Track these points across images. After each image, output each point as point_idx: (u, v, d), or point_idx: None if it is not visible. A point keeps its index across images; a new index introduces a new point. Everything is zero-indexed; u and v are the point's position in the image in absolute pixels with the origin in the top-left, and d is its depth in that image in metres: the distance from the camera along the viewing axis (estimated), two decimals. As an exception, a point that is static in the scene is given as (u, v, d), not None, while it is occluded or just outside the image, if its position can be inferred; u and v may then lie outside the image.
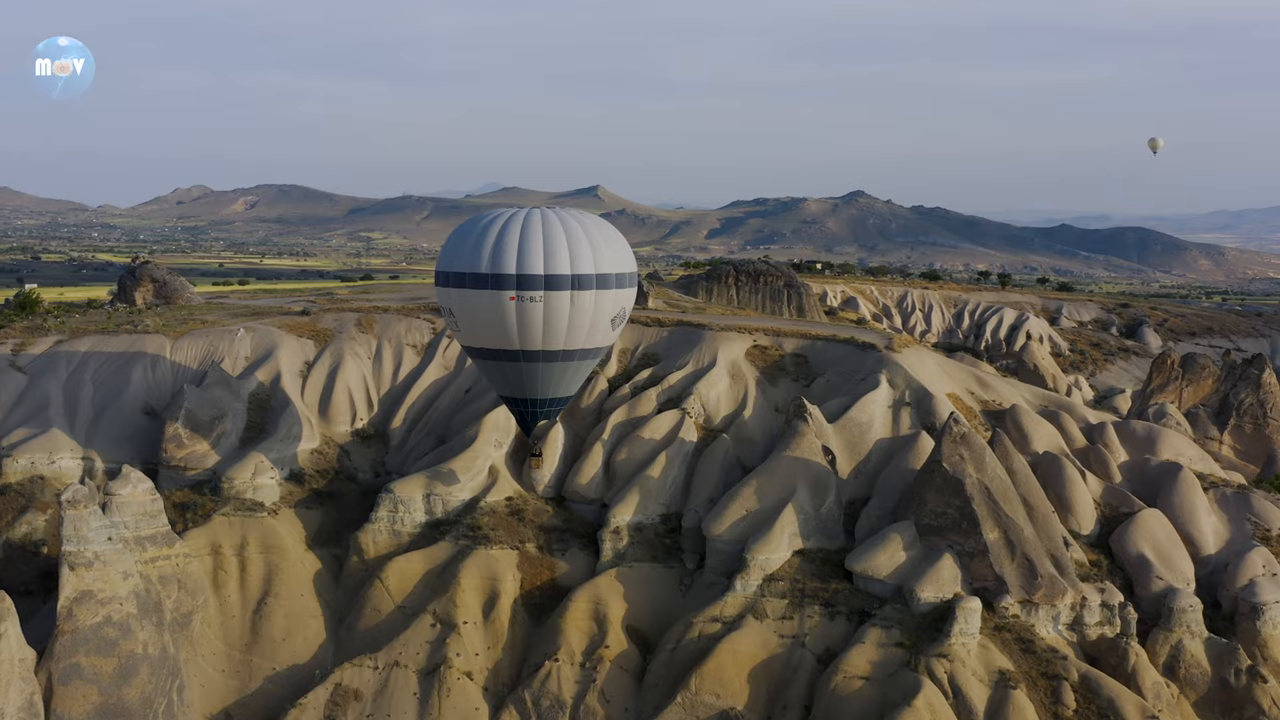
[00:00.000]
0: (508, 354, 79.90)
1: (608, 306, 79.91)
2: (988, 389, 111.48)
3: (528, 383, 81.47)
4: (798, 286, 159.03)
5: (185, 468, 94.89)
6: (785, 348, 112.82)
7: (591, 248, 78.46)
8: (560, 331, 78.36)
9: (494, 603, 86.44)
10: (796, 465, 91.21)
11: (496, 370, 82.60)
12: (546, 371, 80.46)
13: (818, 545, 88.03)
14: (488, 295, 77.50)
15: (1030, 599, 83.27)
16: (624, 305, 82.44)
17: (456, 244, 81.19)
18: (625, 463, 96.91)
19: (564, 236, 77.87)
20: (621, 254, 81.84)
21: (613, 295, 79.99)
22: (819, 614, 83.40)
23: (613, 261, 79.86)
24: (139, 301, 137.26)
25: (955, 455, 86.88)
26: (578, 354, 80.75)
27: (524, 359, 79.72)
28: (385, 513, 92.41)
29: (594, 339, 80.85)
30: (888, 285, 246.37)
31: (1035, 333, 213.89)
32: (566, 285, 77.30)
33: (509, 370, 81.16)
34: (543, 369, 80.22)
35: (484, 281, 77.33)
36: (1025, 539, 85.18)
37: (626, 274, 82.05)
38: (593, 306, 78.64)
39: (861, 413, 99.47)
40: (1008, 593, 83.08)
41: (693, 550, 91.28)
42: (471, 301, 78.80)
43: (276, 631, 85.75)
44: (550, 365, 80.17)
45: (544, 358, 79.64)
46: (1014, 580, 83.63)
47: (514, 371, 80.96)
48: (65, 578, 76.62)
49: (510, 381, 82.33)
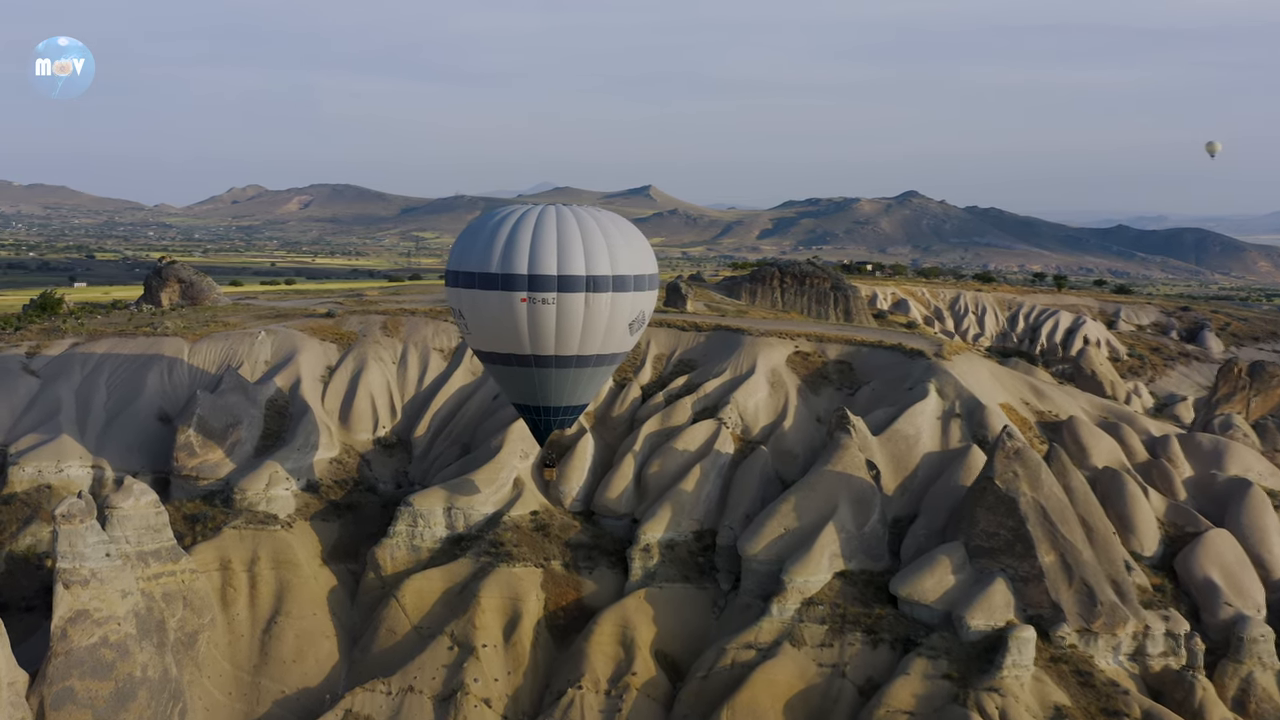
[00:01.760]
0: (519, 359, 75.16)
1: (625, 310, 74.90)
2: (1043, 399, 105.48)
3: (540, 390, 76.71)
4: (845, 289, 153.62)
5: (197, 477, 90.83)
6: (828, 354, 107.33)
7: (609, 247, 73.50)
8: (574, 336, 73.50)
9: (516, 624, 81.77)
10: (838, 480, 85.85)
11: (508, 376, 77.96)
12: (560, 378, 75.67)
13: (860, 567, 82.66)
14: (498, 296, 72.80)
15: (1089, 628, 77.48)
16: (643, 309, 77.39)
17: (467, 241, 76.51)
18: (658, 475, 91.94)
19: (579, 235, 72.99)
20: (641, 254, 76.81)
21: (630, 298, 74.97)
22: (861, 641, 77.96)
23: (631, 262, 74.86)
24: (165, 302, 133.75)
25: (1009, 472, 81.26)
26: (593, 360, 75.83)
27: (536, 364, 74.96)
28: (404, 527, 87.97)
29: (610, 344, 75.86)
30: (940, 287, 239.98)
31: (1093, 337, 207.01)
32: (581, 287, 72.41)
33: (520, 376, 76.47)
34: (556, 375, 75.42)
35: (494, 282, 72.63)
36: (1084, 562, 79.47)
37: (646, 276, 76.91)
38: (609, 310, 73.71)
39: (908, 424, 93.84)
40: (1065, 621, 77.34)
41: (727, 570, 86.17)
42: (481, 303, 74.12)
43: (287, 652, 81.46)
44: (564, 372, 75.35)
45: (557, 363, 74.84)
46: (1071, 607, 77.89)
47: (525, 378, 76.24)
48: (59, 596, 72.59)
49: (522, 388, 77.64)
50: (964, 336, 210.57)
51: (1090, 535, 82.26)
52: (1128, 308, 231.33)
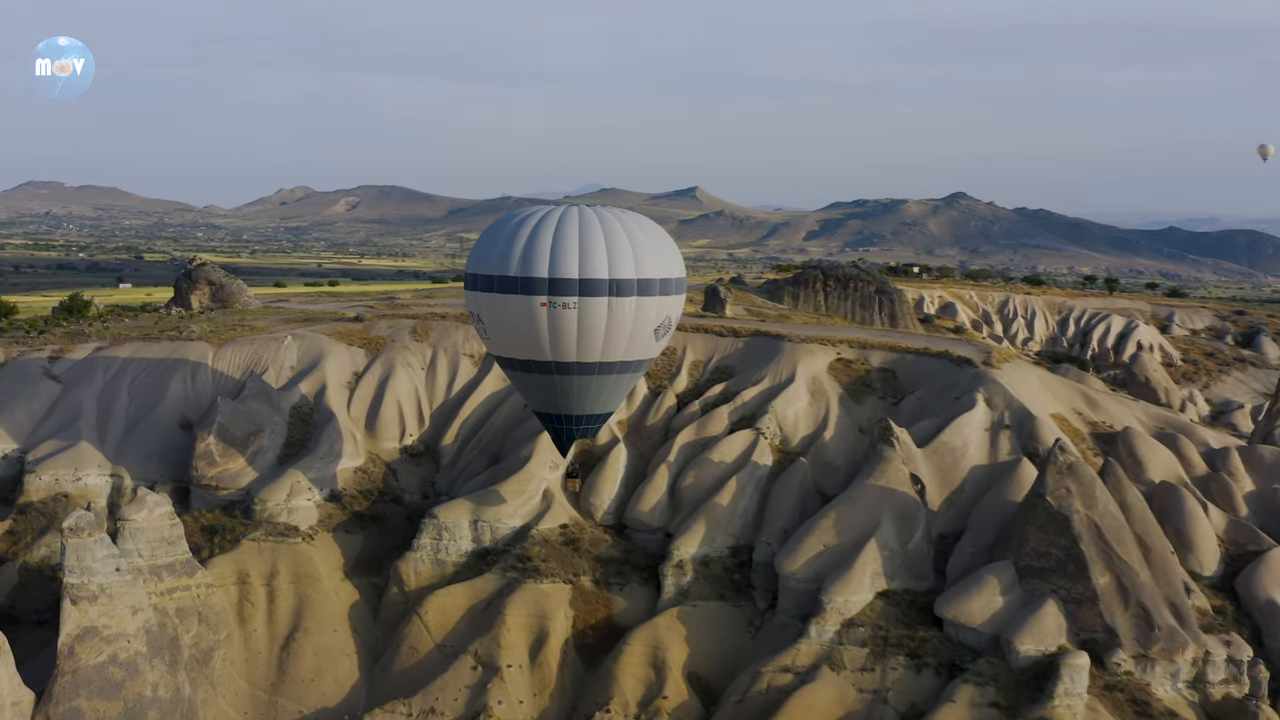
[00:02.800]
0: (539, 365, 71.91)
1: (650, 315, 71.40)
2: (1097, 409, 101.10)
3: (561, 397, 73.41)
4: (890, 292, 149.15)
5: (217, 487, 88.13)
6: (872, 361, 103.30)
7: (633, 250, 70.03)
8: (596, 341, 70.11)
9: (542, 643, 78.58)
10: (881, 495, 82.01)
11: (528, 383, 74.74)
12: (582, 385, 72.30)
13: (903, 586, 78.78)
14: (517, 300, 69.54)
15: (1146, 654, 73.71)
16: (670, 314, 73.80)
17: (487, 243, 73.28)
18: (692, 488, 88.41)
19: (602, 237, 69.59)
20: (667, 257, 73.27)
21: (656, 303, 71.46)
22: (903, 666, 74.20)
23: (657, 265, 71.35)
24: (195, 305, 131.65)
25: (1061, 488, 77.22)
26: (616, 367, 72.39)
27: (557, 371, 71.69)
28: (428, 540, 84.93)
29: (634, 350, 72.39)
30: (988, 290, 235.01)
31: (1145, 342, 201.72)
32: (604, 291, 69.05)
33: (541, 383, 73.22)
34: (578, 382, 72.08)
35: (513, 285, 69.39)
36: (1140, 584, 75.45)
37: (673, 279, 73.35)
38: (633, 315, 70.26)
39: (955, 436, 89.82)
40: (1120, 646, 73.47)
41: (764, 588, 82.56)
42: (500, 307, 70.90)
43: (305, 670, 78.59)
44: (586, 379, 72.00)
45: (579, 370, 71.53)
46: (1127, 632, 74.01)
47: (546, 385, 72.96)
48: (67, 613, 69.87)
49: (543, 395, 74.40)
50: (1013, 341, 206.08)
51: (1147, 555, 78.20)
52: (1181, 311, 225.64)
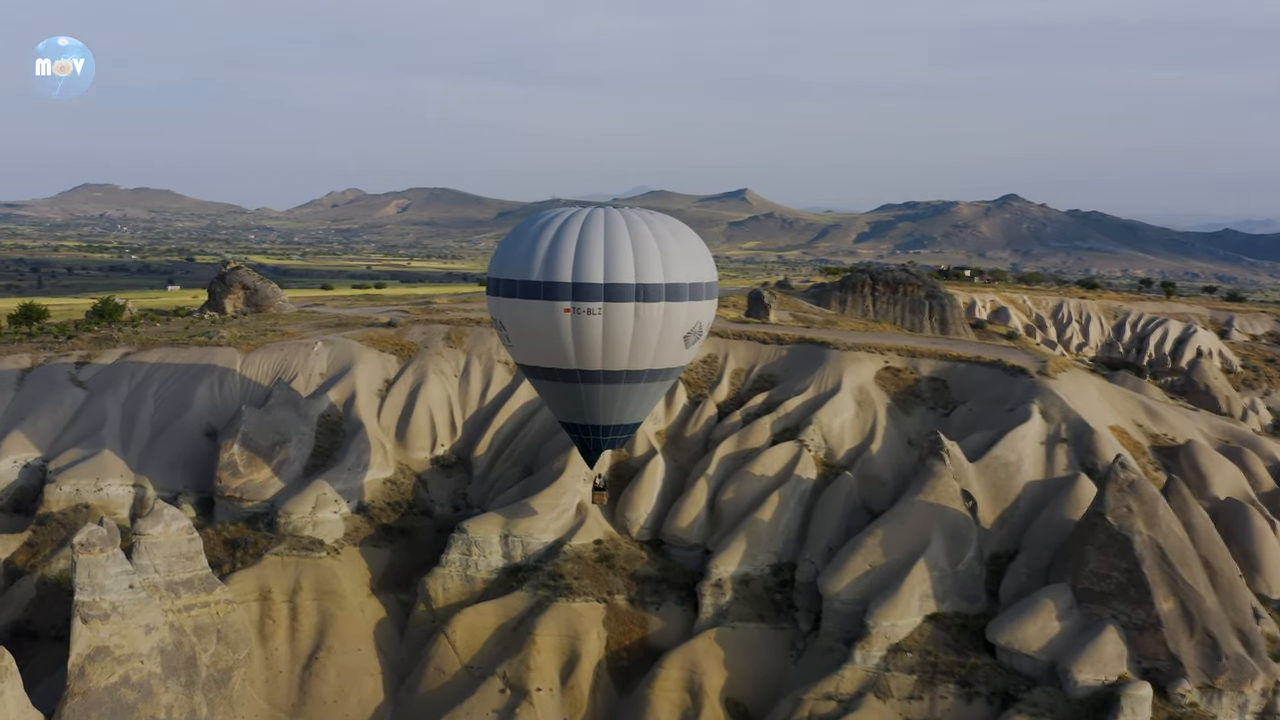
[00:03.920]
0: (564, 373, 68.51)
1: (679, 321, 67.76)
2: (1158, 420, 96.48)
3: (587, 407, 69.98)
4: (941, 297, 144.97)
5: (241, 499, 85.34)
6: (921, 370, 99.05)
7: (661, 253, 66.43)
8: (623, 349, 66.60)
9: (574, 666, 75.18)
10: (931, 512, 77.99)
11: (552, 392, 71.45)
12: (608, 395, 68.84)
13: (954, 609, 74.71)
14: (540, 306, 66.16)
15: (1212, 684, 69.32)
16: (700, 320, 70.10)
17: (509, 247, 69.94)
18: (732, 502, 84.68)
19: (628, 240, 66.03)
20: (698, 260, 69.64)
21: (685, 308, 67.79)
22: (954, 695, 70.21)
23: (687, 269, 67.73)
24: (229, 309, 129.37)
25: (1122, 507, 72.92)
26: (644, 375, 68.79)
27: (582, 380, 68.22)
28: (457, 555, 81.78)
29: (663, 358, 68.78)
30: (1042, 294, 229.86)
31: (1205, 347, 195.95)
32: (630, 296, 65.48)
33: (566, 392, 69.83)
34: (604, 391, 68.60)
35: (536, 290, 66.04)
36: (1206, 610, 71.01)
37: (703, 284, 69.66)
38: (661, 321, 66.68)
39: (1009, 450, 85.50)
40: (1185, 676, 69.19)
41: (806, 609, 78.74)
42: (522, 313, 67.55)
43: (328, 691, 75.55)
44: (612, 388, 68.50)
45: (605, 379, 68.03)
46: (1192, 661, 69.64)
47: (571, 394, 69.55)
48: (77, 631, 67.29)
49: (568, 405, 71.05)
50: (1067, 347, 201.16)
51: (1213, 578, 73.73)
52: (1240, 316, 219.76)
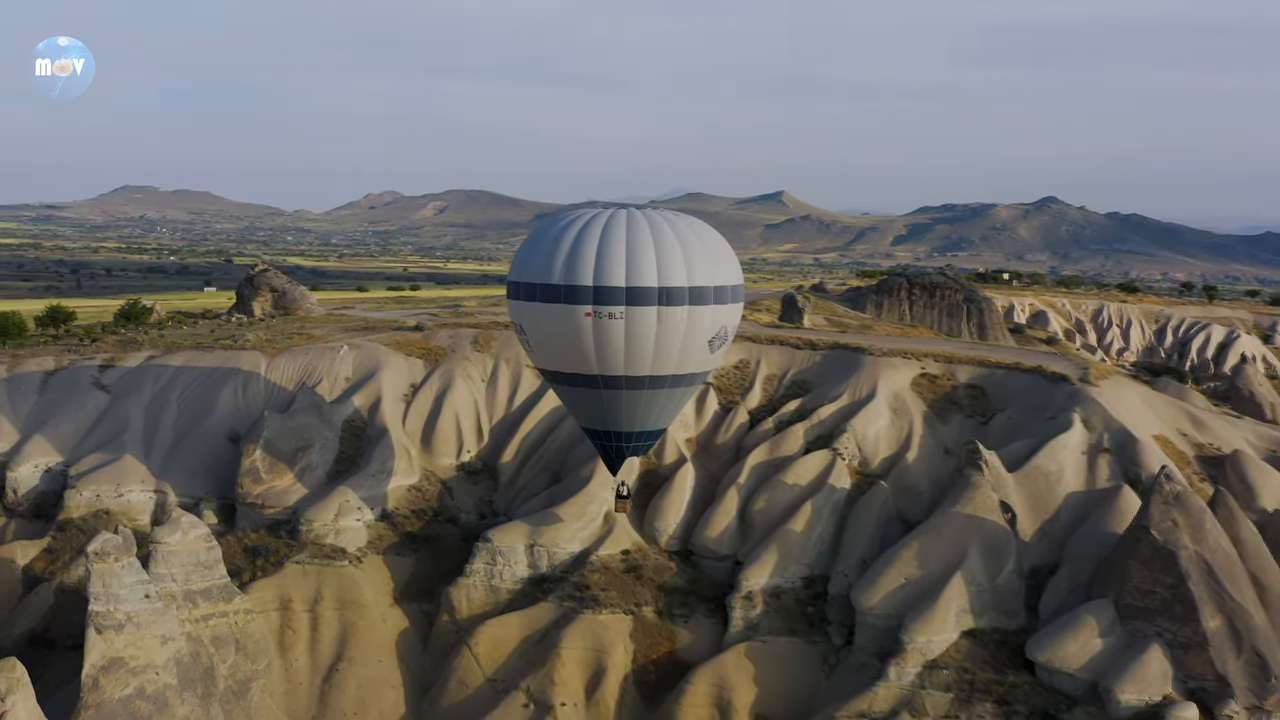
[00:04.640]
0: (585, 379, 66.51)
1: (704, 325, 65.67)
2: (1203, 429, 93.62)
3: (610, 414, 67.97)
4: (979, 301, 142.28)
5: (262, 505, 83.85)
6: (959, 377, 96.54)
7: (685, 255, 64.34)
8: (645, 354, 64.57)
9: (600, 679, 73.27)
10: (968, 524, 75.54)
11: (574, 398, 69.51)
12: (631, 401, 66.82)
13: (992, 625, 72.25)
14: (560, 310, 64.24)
15: (1261, 705, 66.64)
16: (725, 324, 68.00)
17: (529, 249, 68.05)
18: (764, 513, 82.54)
19: (651, 241, 63.99)
20: (723, 263, 67.53)
21: (710, 312, 65.68)
22: (991, 714, 67.69)
23: (711, 272, 65.61)
24: (257, 311, 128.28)
25: (1167, 520, 70.35)
26: (667, 381, 66.71)
27: (604, 385, 66.25)
28: (482, 565, 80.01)
29: (687, 363, 66.66)
30: (1081, 298, 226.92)
31: (1249, 353, 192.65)
32: (653, 299, 63.40)
33: (587, 398, 67.87)
34: (626, 398, 66.60)
35: (556, 294, 64.11)
36: (1255, 628, 68.34)
37: (729, 287, 67.43)
38: (685, 325, 64.61)
39: (1049, 460, 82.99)
40: (1232, 697, 66.49)
41: (839, 623, 76.49)
42: (542, 317, 65.66)
43: (348, 703, 73.93)
44: (635, 394, 66.47)
45: (627, 384, 66.01)
46: (1240, 681, 66.96)
47: (593, 400, 67.59)
48: (91, 642, 65.99)
49: (590, 411, 69.07)
50: (1107, 351, 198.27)
51: (1262, 595, 71.00)
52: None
